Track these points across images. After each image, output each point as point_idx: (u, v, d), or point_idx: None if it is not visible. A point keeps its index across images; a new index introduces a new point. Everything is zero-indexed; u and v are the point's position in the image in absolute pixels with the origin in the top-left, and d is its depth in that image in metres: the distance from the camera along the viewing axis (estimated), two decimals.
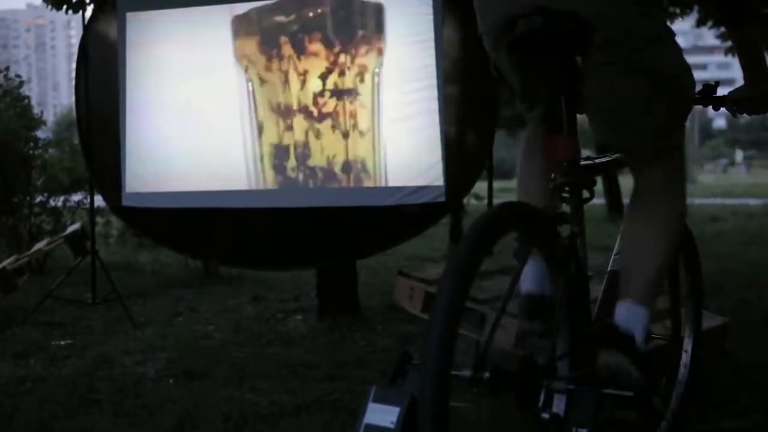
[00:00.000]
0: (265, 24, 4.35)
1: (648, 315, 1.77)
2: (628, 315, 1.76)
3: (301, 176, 4.30)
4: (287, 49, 4.30)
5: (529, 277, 1.76)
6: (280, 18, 4.33)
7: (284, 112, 4.31)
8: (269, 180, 4.35)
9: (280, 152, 4.32)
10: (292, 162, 4.31)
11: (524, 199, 1.84)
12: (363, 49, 4.17)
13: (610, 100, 1.79)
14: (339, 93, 4.22)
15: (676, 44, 1.83)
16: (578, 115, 1.78)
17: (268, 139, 4.34)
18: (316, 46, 4.25)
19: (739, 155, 48.22)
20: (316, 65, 4.26)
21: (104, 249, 6.41)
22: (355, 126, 4.19)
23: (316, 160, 4.27)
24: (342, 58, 4.21)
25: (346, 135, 4.21)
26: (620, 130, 1.88)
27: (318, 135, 4.26)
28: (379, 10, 4.16)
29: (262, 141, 4.35)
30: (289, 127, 4.31)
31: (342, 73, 4.21)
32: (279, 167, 4.33)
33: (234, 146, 4.38)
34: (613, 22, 1.68)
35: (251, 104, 4.36)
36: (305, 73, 4.28)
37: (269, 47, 4.33)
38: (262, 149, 4.35)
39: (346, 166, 4.21)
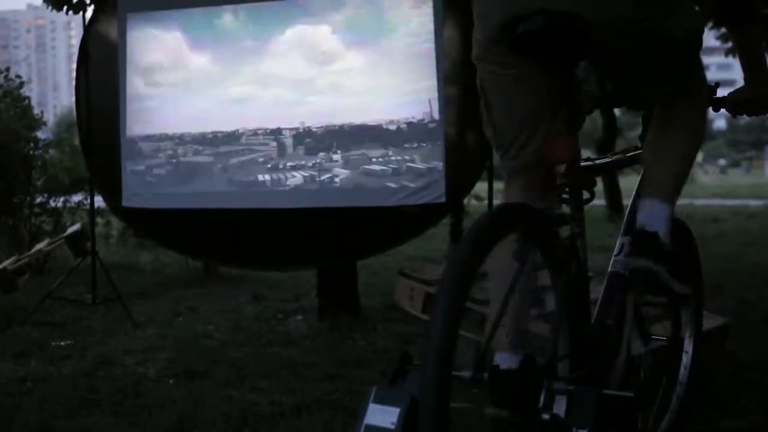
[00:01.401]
0: (269, 23, 4.35)
1: (670, 213, 1.83)
2: (652, 212, 1.81)
3: (301, 177, 4.30)
4: (289, 49, 4.31)
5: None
6: (282, 17, 4.33)
7: (285, 112, 4.32)
8: (270, 180, 4.35)
9: (280, 152, 4.32)
10: (292, 162, 4.31)
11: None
12: (363, 49, 4.18)
13: (621, 71, 1.81)
14: (340, 92, 4.23)
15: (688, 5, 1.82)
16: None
17: (269, 139, 4.34)
18: (317, 46, 4.25)
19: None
20: (316, 65, 4.26)
21: (104, 249, 6.41)
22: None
23: (317, 160, 4.27)
24: (343, 57, 4.21)
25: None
26: (638, 86, 1.88)
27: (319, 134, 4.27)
28: (379, 9, 4.16)
29: (264, 141, 4.35)
30: (291, 127, 4.31)
31: (342, 73, 4.22)
32: (279, 167, 4.34)
33: (234, 146, 4.38)
34: (614, 22, 1.68)
35: (253, 104, 4.37)
36: (304, 72, 4.28)
37: (272, 47, 4.33)
38: (263, 149, 4.35)
39: (347, 166, 4.22)
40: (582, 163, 1.87)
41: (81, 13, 5.10)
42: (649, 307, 1.92)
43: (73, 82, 4.86)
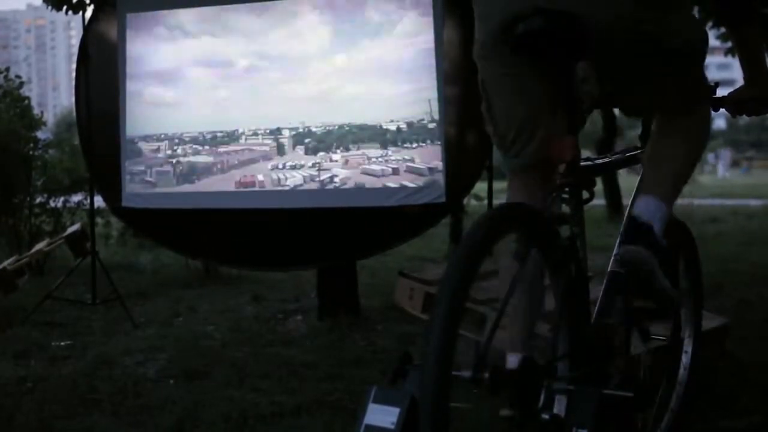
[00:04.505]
0: (269, 22, 4.35)
1: (667, 212, 1.80)
2: (649, 208, 1.79)
3: (301, 177, 4.30)
4: (289, 48, 4.31)
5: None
6: (282, 16, 4.33)
7: (285, 112, 4.32)
8: (269, 180, 4.35)
9: (280, 152, 4.32)
10: (292, 162, 4.31)
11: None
12: (363, 48, 4.18)
13: (620, 71, 1.79)
14: (340, 92, 4.23)
15: (687, 10, 1.82)
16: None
17: (269, 139, 4.34)
18: (317, 45, 4.25)
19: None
20: (316, 64, 4.26)
21: (104, 249, 6.41)
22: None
23: (317, 160, 4.27)
24: (343, 57, 4.21)
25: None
26: (636, 94, 1.88)
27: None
28: (379, 9, 4.16)
29: (264, 141, 4.35)
30: (291, 127, 4.31)
31: (343, 72, 4.22)
32: (279, 167, 4.34)
33: (234, 146, 4.39)
34: (613, 22, 1.68)
35: (253, 104, 4.37)
36: (305, 72, 4.28)
37: (272, 46, 4.33)
38: (263, 149, 4.35)
39: (347, 166, 4.22)
40: (582, 163, 1.87)
41: (81, 13, 5.11)
42: (646, 305, 1.91)
43: (73, 82, 4.86)
